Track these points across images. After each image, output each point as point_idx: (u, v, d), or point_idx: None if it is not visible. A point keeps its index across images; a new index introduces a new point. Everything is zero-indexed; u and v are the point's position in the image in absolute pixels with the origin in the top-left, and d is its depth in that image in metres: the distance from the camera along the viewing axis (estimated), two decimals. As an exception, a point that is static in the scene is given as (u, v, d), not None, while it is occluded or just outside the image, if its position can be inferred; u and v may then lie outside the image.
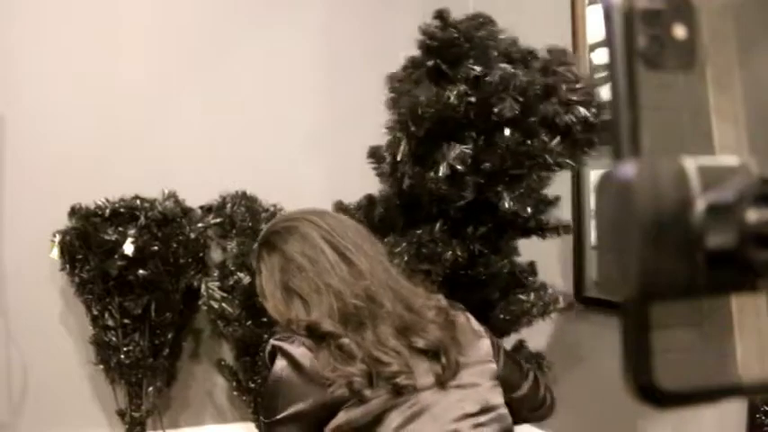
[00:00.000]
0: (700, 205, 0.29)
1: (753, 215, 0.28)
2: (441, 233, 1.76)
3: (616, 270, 0.31)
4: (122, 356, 2.24)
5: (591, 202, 2.17)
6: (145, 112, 2.47)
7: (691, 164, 0.30)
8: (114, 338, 2.23)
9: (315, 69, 2.28)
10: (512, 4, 2.65)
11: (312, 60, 2.46)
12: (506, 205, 1.71)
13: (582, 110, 1.68)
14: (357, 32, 2.69)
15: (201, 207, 2.40)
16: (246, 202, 2.37)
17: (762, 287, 0.30)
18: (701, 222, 0.29)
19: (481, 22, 1.75)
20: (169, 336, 2.30)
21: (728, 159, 0.31)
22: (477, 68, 1.66)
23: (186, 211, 2.34)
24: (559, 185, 2.28)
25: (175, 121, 2.50)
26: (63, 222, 2.24)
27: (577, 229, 2.20)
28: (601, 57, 2.12)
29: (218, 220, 2.36)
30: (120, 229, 2.20)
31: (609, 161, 0.32)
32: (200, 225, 2.33)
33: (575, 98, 1.68)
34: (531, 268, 1.92)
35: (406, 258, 1.73)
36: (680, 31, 0.32)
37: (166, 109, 2.49)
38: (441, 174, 1.67)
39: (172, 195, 2.34)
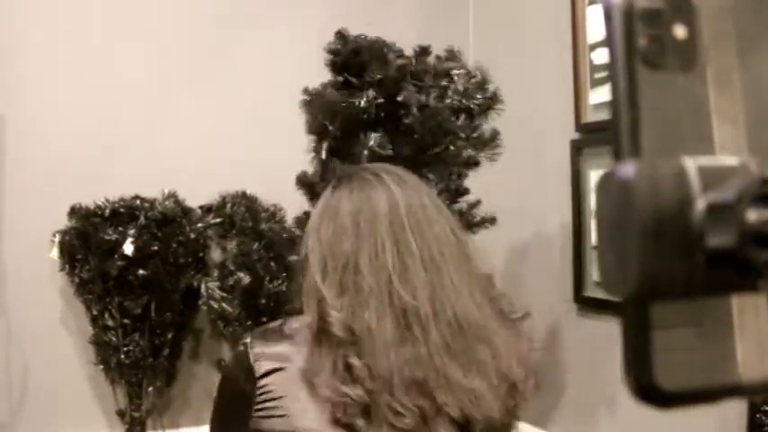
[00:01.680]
0: (700, 205, 0.29)
1: (753, 215, 0.28)
2: None
3: (616, 270, 0.31)
4: (122, 356, 2.24)
5: (591, 202, 2.17)
6: (145, 112, 2.47)
7: (691, 164, 0.30)
8: (114, 338, 2.23)
9: (315, 69, 2.28)
10: (512, 4, 2.66)
11: (312, 60, 2.46)
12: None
13: (479, 95, 1.96)
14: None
15: (201, 207, 2.40)
16: (246, 202, 2.37)
17: (762, 287, 0.30)
18: (700, 222, 0.29)
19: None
20: (169, 336, 2.30)
21: (729, 159, 0.31)
22: (379, 74, 1.92)
23: (186, 211, 2.34)
24: (559, 185, 2.28)
25: (175, 121, 2.50)
26: (63, 222, 2.24)
27: (577, 229, 2.20)
28: (601, 56, 2.12)
29: (218, 220, 2.36)
30: (120, 228, 2.20)
31: (609, 161, 0.32)
32: (199, 225, 2.33)
33: (470, 86, 1.97)
34: None
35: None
36: (680, 31, 0.32)
37: (166, 109, 2.49)
38: (363, 158, 1.88)
39: (172, 195, 2.34)
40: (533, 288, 2.45)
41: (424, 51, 2.05)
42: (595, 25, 2.12)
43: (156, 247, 2.21)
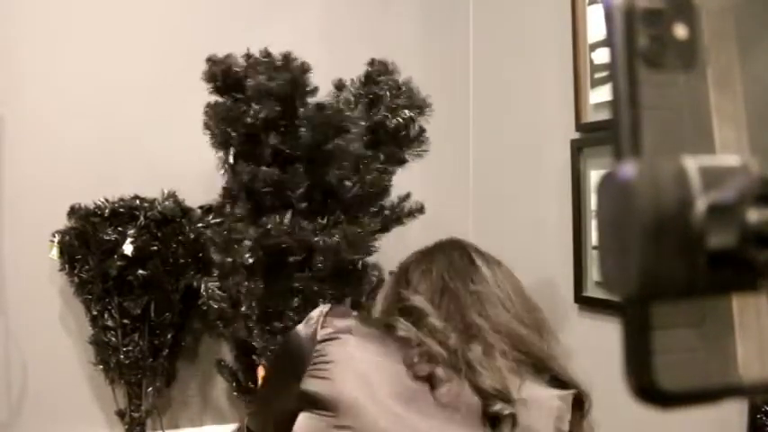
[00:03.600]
0: (700, 205, 0.29)
1: (754, 215, 0.28)
2: (290, 223, 1.93)
3: (616, 270, 0.31)
4: (122, 357, 2.24)
5: (591, 202, 2.17)
6: (145, 113, 2.47)
7: (691, 164, 0.30)
8: (114, 339, 2.23)
9: (314, 71, 2.28)
10: (512, 4, 2.66)
11: (311, 62, 2.46)
12: (332, 180, 1.91)
13: (407, 111, 1.96)
14: (357, 36, 2.70)
15: (201, 207, 2.40)
16: (246, 202, 2.37)
17: (762, 287, 0.30)
18: (701, 222, 0.29)
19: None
20: (168, 336, 2.30)
21: (729, 159, 0.31)
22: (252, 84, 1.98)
23: (186, 211, 2.34)
24: (559, 185, 2.28)
25: (175, 121, 2.49)
26: (62, 222, 2.24)
27: (577, 229, 2.20)
28: (601, 56, 2.12)
29: (217, 220, 2.35)
30: (120, 229, 2.19)
31: (609, 161, 0.32)
32: (199, 225, 2.33)
33: (399, 102, 1.96)
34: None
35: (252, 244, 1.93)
36: (681, 31, 0.32)
37: (166, 109, 2.49)
38: (268, 155, 1.91)
39: (171, 195, 2.33)
40: (533, 288, 2.45)
41: (268, 54, 2.08)
42: (595, 25, 2.12)
43: (155, 248, 2.21)
